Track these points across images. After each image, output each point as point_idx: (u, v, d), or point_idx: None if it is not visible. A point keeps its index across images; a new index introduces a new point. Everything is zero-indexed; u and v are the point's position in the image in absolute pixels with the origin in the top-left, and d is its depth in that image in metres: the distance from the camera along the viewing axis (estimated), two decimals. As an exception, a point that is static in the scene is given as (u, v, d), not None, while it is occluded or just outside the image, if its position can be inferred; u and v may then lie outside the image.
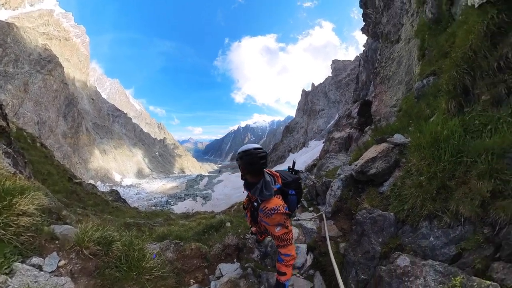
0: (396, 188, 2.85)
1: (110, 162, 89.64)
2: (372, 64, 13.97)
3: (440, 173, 2.17)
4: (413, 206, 2.31)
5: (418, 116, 4.83)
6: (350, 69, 77.17)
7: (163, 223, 11.23)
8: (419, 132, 3.06)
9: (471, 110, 2.53)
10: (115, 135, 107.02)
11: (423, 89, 5.75)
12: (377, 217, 2.60)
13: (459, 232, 1.85)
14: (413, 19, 8.01)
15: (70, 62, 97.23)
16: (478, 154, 1.95)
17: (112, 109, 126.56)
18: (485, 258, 1.64)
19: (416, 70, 7.99)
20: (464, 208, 1.82)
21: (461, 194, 1.90)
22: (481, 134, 2.21)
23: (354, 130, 14.47)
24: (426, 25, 6.30)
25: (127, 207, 19.88)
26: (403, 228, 2.36)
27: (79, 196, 14.30)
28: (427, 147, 2.52)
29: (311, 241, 3.85)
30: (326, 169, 8.78)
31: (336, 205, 4.01)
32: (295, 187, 2.53)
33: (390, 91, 10.74)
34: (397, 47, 9.34)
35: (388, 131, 5.77)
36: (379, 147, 4.02)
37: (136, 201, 53.77)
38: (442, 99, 3.23)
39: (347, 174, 4.30)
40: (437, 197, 2.11)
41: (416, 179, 2.44)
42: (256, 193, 2.14)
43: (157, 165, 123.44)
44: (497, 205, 1.65)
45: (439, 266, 1.73)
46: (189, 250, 3.35)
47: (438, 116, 3.25)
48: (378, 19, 11.02)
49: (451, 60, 2.95)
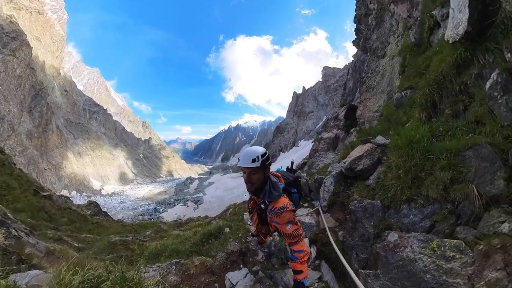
0: (380, 180, 3.29)
1: (86, 167, 72.22)
2: (359, 73, 14.74)
3: (413, 167, 2.69)
4: (394, 194, 2.76)
5: (396, 121, 5.44)
6: (339, 76, 79.17)
7: (154, 236, 9.63)
8: (397, 135, 3.62)
9: (437, 120, 3.12)
10: (92, 134, 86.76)
11: (401, 99, 6.38)
12: (367, 205, 2.99)
13: (430, 210, 2.33)
14: (398, 40, 8.74)
15: (41, 42, 75.15)
16: (441, 153, 2.49)
17: (89, 104, 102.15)
18: (450, 225, 2.14)
19: (397, 82, 8.72)
20: (432, 192, 2.33)
21: (429, 182, 2.43)
22: (443, 138, 2.77)
23: (340, 131, 15.14)
24: (408, 47, 7.00)
25: (110, 221, 16.40)
26: (389, 211, 2.78)
27: (49, 213, 11.21)
28: (403, 147, 3.05)
29: (312, 234, 3.96)
30: (316, 167, 9.34)
31: (330, 199, 4.32)
32: (296, 185, 2.62)
33: (374, 98, 11.48)
34: (382, 61, 10.07)
35: (371, 133, 6.38)
36: (364, 147, 4.44)
37: (120, 212, 45.91)
38: (416, 110, 3.80)
39: (338, 171, 4.66)
40: (412, 185, 2.60)
41: (396, 173, 2.93)
42: (266, 195, 2.13)
43: (142, 169, 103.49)
44: (454, 188, 2.18)
45: (419, 236, 2.15)
46: (193, 267, 2.96)
47: (412, 123, 3.82)
48: (369, 35, 11.73)
49: (426, 80, 3.52)
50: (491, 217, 1.88)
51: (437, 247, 1.93)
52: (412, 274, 1.93)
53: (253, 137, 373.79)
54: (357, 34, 15.18)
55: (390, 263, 2.12)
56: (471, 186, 2.03)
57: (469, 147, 2.23)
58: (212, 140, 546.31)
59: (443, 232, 2.10)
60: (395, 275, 2.03)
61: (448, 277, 1.74)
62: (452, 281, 1.71)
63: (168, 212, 47.28)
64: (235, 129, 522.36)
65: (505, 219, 1.78)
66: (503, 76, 2.13)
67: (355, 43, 16.26)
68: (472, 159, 2.15)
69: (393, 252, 2.15)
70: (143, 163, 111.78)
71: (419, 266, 1.91)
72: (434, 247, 1.94)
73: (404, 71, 7.70)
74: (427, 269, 1.87)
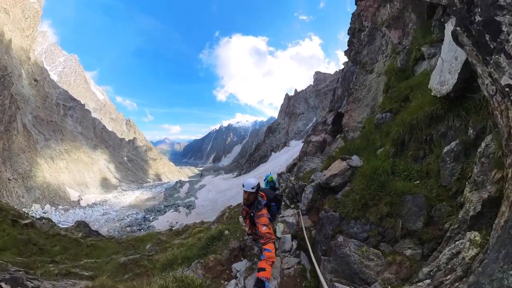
0: (343, 198, 3.87)
1: (61, 174, 55.05)
2: (348, 83, 14.90)
3: (367, 195, 3.22)
4: (348, 211, 3.41)
5: (373, 142, 5.78)
6: (329, 81, 79.25)
7: (158, 249, 9.36)
8: (367, 162, 3.95)
9: (401, 158, 3.46)
10: (67, 134, 67.96)
11: (381, 120, 6.69)
12: (330, 216, 3.79)
13: (368, 228, 3.08)
14: (386, 59, 8.88)
15: (9, 15, 56.60)
16: (390, 191, 2.98)
17: (64, 97, 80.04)
18: (377, 240, 2.91)
19: (380, 99, 8.99)
20: (372, 217, 3.00)
21: (373, 210, 3.04)
22: (400, 176, 3.18)
23: (328, 135, 15.52)
24: (394, 70, 7.19)
25: (104, 241, 14.52)
26: (343, 222, 3.52)
27: (38, 245, 9.19)
28: (367, 176, 3.50)
29: (293, 231, 4.87)
30: (303, 171, 9.72)
31: (308, 205, 5.28)
32: (275, 201, 3.82)
33: (359, 110, 11.80)
34: (369, 76, 10.24)
35: (352, 147, 6.78)
36: (341, 164, 4.96)
37: (105, 225, 37.97)
38: (388, 141, 4.09)
39: (317, 182, 5.44)
40: (361, 209, 3.23)
41: (354, 196, 3.48)
42: (254, 208, 3.27)
43: (126, 173, 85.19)
44: (387, 220, 2.85)
45: (356, 242, 2.95)
46: (211, 262, 3.91)
47: (382, 153, 4.14)
48: (360, 49, 11.76)
49: (402, 120, 3.83)
50: (403, 243, 2.66)
51: (365, 251, 2.77)
52: (347, 263, 2.79)
53: (244, 137, 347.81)
54: (349, 45, 15.18)
55: (337, 254, 2.96)
56: (399, 221, 2.72)
57: (410, 193, 2.79)
58: (203, 140, 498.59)
59: (371, 244, 2.94)
60: (339, 261, 2.89)
61: (366, 269, 2.61)
62: (367, 271, 2.58)
63: (159, 220, 41.61)
64: (226, 129, 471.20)
65: (410, 247, 2.58)
66: (458, 147, 2.49)
67: (346, 53, 16.26)
68: (409, 202, 2.76)
69: (339, 248, 2.99)
70: (127, 167, 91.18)
71: (352, 259, 2.75)
72: (363, 250, 2.79)
73: (388, 91, 7.96)
74: (355, 261, 2.71)
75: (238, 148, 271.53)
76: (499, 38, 1.12)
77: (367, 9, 11.27)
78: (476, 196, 1.71)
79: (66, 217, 40.27)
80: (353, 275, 2.65)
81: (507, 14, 1.03)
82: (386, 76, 8.53)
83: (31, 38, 68.64)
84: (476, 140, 2.27)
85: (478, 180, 1.81)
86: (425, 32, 5.71)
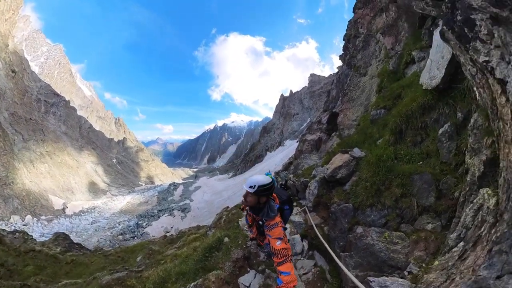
0: (353, 188, 3.96)
1: (43, 179, 48.54)
2: (342, 85, 15.55)
3: (377, 181, 3.39)
4: (362, 200, 3.47)
5: (370, 136, 6.17)
6: (324, 83, 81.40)
7: (149, 262, 8.03)
8: (370, 152, 4.26)
9: (401, 145, 3.81)
10: (49, 134, 59.17)
11: (376, 116, 7.14)
12: (343, 208, 3.70)
13: (385, 212, 3.10)
14: (379, 63, 9.57)
15: None
16: (398, 174, 3.19)
17: (46, 92, 70.51)
18: (397, 223, 2.93)
19: (373, 99, 9.56)
20: (387, 201, 3.08)
21: (386, 194, 3.15)
22: (403, 160, 3.48)
23: (323, 134, 15.93)
24: (387, 72, 7.79)
25: (88, 254, 12.44)
26: (357, 212, 3.48)
27: (6, 265, 7.79)
28: (373, 164, 3.73)
29: (302, 231, 4.45)
30: (301, 168, 9.98)
31: (315, 200, 4.99)
32: (288, 202, 3.01)
33: (353, 109, 12.37)
34: (363, 79, 10.90)
35: (350, 142, 7.13)
36: (343, 157, 5.07)
37: (94, 234, 34.87)
38: (387, 132, 4.47)
39: (321, 176, 5.32)
40: (374, 195, 3.32)
41: (364, 184, 3.61)
42: (264, 215, 2.39)
43: (116, 177, 77.52)
44: (402, 200, 2.96)
45: (377, 229, 2.89)
46: (212, 284, 3.03)
47: (382, 143, 4.49)
48: (355, 54, 12.50)
49: (398, 111, 4.23)
50: (422, 219, 2.72)
51: (388, 236, 2.70)
52: (372, 253, 2.69)
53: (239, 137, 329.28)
54: (344, 50, 16.05)
55: (358, 246, 2.84)
56: (413, 200, 2.84)
57: (417, 172, 2.99)
58: (197, 140, 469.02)
59: (392, 227, 2.92)
60: (362, 254, 2.77)
61: (394, 254, 2.54)
62: (396, 256, 2.52)
63: (153, 226, 38.53)
64: (221, 128, 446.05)
65: (429, 221, 2.65)
66: (451, 128, 2.87)
67: (341, 57, 17.11)
68: (417, 181, 2.94)
69: (360, 240, 2.87)
70: (117, 170, 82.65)
71: (376, 248, 2.66)
72: (386, 236, 2.71)
73: (380, 91, 8.53)
74: (381, 249, 2.62)
75: (233, 148, 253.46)
76: (474, 30, 1.54)
77: (363, 17, 12.09)
78: (477, 160, 2.03)
79: (50, 228, 35.49)
80: (381, 264, 2.53)
81: (479, 12, 1.45)
82: (379, 78, 9.14)
83: (11, 23, 57.44)
84: (465, 121, 2.66)
85: (474, 147, 2.14)
86: (416, 40, 6.28)
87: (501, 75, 1.43)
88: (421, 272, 2.12)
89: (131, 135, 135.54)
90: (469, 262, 1.64)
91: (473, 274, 1.50)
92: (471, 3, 1.47)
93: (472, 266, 1.57)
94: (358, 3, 12.76)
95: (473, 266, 1.56)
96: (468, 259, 1.68)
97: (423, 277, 1.99)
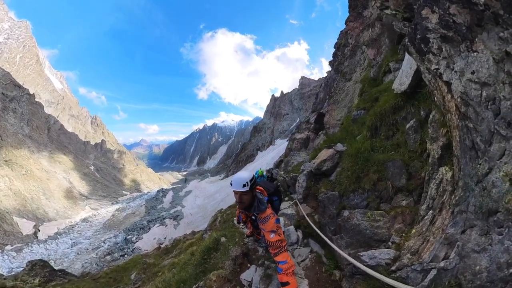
0: (337, 177, 4.31)
1: (3, 198, 35.22)
2: (330, 88, 16.22)
3: (357, 170, 3.79)
4: (345, 187, 3.80)
5: (351, 133, 6.68)
6: (313, 86, 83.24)
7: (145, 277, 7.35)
8: (350, 145, 4.71)
9: (376, 139, 4.28)
10: (8, 138, 44.44)
11: (357, 116, 7.67)
12: (330, 196, 3.95)
13: (366, 195, 3.44)
14: (362, 71, 10.27)
15: None
16: (374, 162, 3.61)
17: (4, 82, 52.27)
18: (377, 203, 3.27)
19: (355, 101, 10.19)
20: (367, 185, 3.47)
21: (365, 180, 3.55)
22: (378, 151, 3.91)
23: (311, 133, 16.50)
24: (368, 79, 8.47)
25: (75, 281, 10.64)
26: (343, 198, 3.78)
27: None
28: (353, 156, 4.15)
29: (295, 221, 4.58)
30: (291, 165, 10.36)
31: (304, 193, 5.27)
32: (276, 193, 3.03)
33: (338, 110, 13.02)
34: (348, 83, 11.56)
35: (334, 139, 7.62)
36: (328, 151, 5.43)
37: (77, 259, 27.80)
38: (364, 129, 4.95)
39: (308, 170, 5.62)
40: (355, 182, 3.71)
41: (346, 173, 4.01)
42: (255, 210, 2.32)
43: (95, 187, 61.47)
44: (379, 184, 3.36)
45: (360, 211, 3.13)
46: (214, 283, 3.01)
47: (361, 138, 4.97)
48: (342, 61, 13.20)
49: (374, 111, 4.71)
50: (397, 198, 3.09)
51: (370, 216, 2.97)
52: (359, 232, 2.91)
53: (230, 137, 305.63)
54: (333, 57, 16.84)
55: (347, 228, 3.06)
56: (388, 182, 3.26)
57: (390, 160, 3.42)
58: (185, 141, 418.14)
59: (373, 207, 3.25)
60: (351, 234, 2.99)
61: (378, 229, 2.79)
62: (380, 231, 2.76)
63: (144, 239, 32.91)
64: (211, 128, 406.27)
65: (404, 199, 3.00)
66: (416, 124, 3.35)
67: (331, 63, 17.86)
68: (391, 167, 3.35)
69: (347, 222, 3.11)
70: (95, 178, 66.57)
71: (362, 227, 2.90)
72: (369, 215, 2.98)
73: (362, 95, 9.15)
74: (366, 227, 2.86)
75: (223, 149, 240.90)
76: (428, 45, 1.95)
77: (353, 30, 12.80)
78: (435, 145, 2.46)
79: (21, 260, 27.03)
80: (369, 240, 2.73)
81: (432, 33, 1.85)
82: (361, 83, 9.79)
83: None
84: (426, 117, 3.13)
85: (433, 136, 2.57)
86: (394, 53, 6.94)
87: (447, 78, 1.83)
88: (403, 240, 2.39)
89: (111, 136, 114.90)
90: (438, 224, 1.95)
91: (443, 233, 1.80)
92: (428, 25, 1.86)
93: (441, 227, 1.87)
94: (350, 16, 13.51)
95: (442, 227, 1.86)
96: (437, 223, 2.00)
97: (405, 244, 2.27)
